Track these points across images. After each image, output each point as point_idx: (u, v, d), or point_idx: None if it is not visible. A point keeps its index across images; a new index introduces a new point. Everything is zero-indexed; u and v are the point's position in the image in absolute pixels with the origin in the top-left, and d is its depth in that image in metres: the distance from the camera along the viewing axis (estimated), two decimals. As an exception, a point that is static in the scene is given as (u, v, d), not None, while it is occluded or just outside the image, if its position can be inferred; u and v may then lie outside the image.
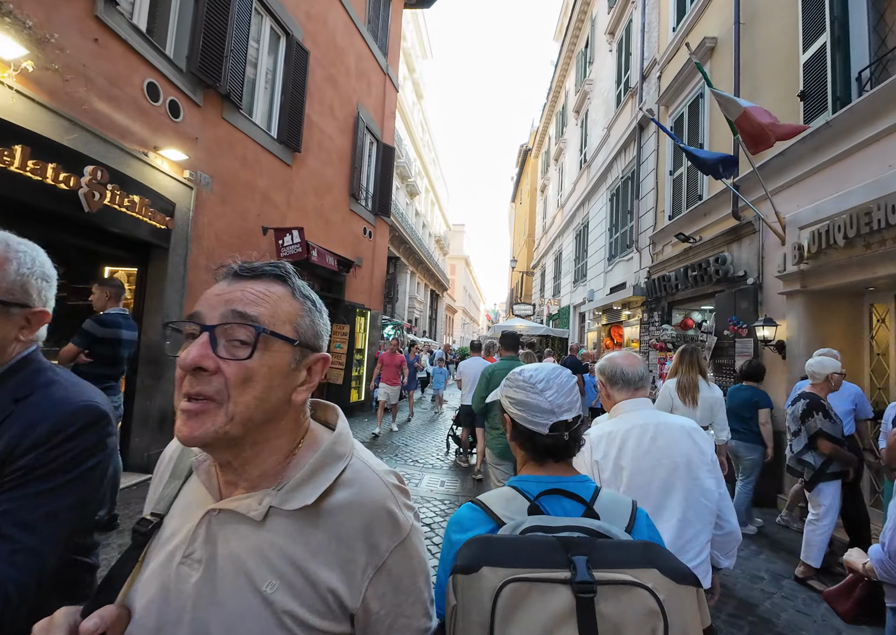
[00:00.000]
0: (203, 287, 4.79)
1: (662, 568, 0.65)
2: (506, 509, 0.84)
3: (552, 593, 0.63)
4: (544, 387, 0.92)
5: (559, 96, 19.69)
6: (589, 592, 0.62)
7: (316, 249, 6.88)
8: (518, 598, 0.63)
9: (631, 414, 1.48)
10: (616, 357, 1.59)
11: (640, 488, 1.37)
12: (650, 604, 0.62)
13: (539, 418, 0.90)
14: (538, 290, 23.77)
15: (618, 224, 10.95)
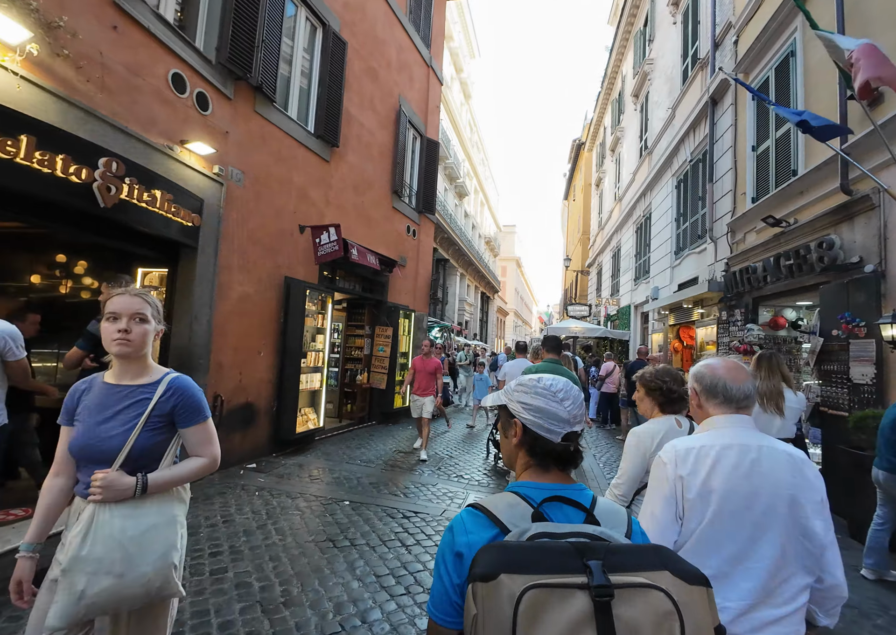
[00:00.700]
0: (236, 288, 4.52)
1: (674, 571, 0.67)
2: (509, 515, 0.83)
3: (571, 598, 0.64)
4: (564, 397, 0.93)
5: (615, 83, 18.49)
6: (606, 596, 0.63)
7: (355, 248, 6.54)
8: (538, 605, 0.63)
9: (729, 430, 1.31)
10: (717, 366, 1.38)
11: (732, 517, 1.21)
12: (666, 606, 0.64)
13: (555, 426, 0.91)
14: (594, 290, 22.50)
15: (686, 213, 9.84)
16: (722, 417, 1.33)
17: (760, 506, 1.20)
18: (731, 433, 1.29)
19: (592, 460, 6.56)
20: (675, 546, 1.23)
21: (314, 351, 6.09)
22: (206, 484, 4.39)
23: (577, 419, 0.93)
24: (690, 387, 1.43)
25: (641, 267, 13.58)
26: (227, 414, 4.90)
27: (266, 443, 5.50)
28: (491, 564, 0.68)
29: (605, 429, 9.27)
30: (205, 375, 4.55)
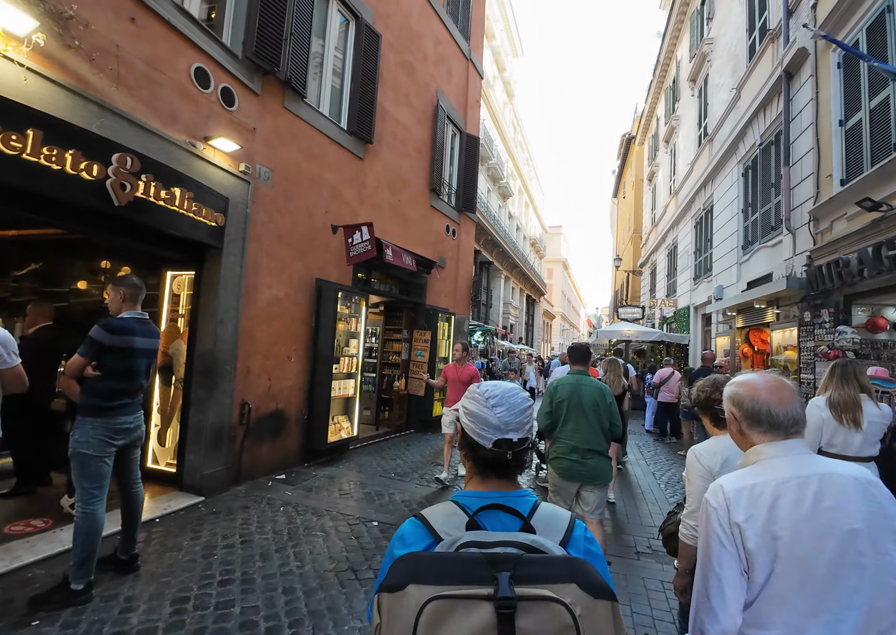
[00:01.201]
0: (264, 291, 4.28)
1: (581, 583, 0.67)
2: (445, 524, 0.83)
3: (474, 609, 0.64)
4: (496, 404, 0.91)
5: (668, 69, 17.34)
6: (509, 608, 0.63)
7: (390, 248, 6.24)
8: (440, 615, 0.64)
9: (782, 460, 1.13)
10: (758, 385, 1.20)
11: (801, 564, 1.02)
12: (566, 619, 0.64)
13: (486, 432, 0.90)
14: (647, 291, 21.19)
15: (756, 202, 8.84)
16: (770, 446, 1.15)
17: (832, 547, 1.03)
18: (784, 464, 1.12)
19: (652, 479, 5.85)
20: (745, 606, 1.05)
21: (347, 356, 5.81)
22: (231, 497, 4.17)
23: (511, 427, 0.90)
24: (728, 411, 1.24)
25: (702, 265, 12.48)
26: (256, 422, 4.69)
27: (297, 452, 5.26)
28: (400, 575, 0.69)
29: (665, 443, 8.42)
30: (231, 381, 4.35)
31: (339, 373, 5.67)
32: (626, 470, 6.22)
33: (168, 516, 3.68)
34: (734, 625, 1.04)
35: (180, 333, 4.39)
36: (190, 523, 3.59)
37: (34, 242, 4.98)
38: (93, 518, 2.49)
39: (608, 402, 3.03)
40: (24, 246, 5.14)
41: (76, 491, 2.52)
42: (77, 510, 2.49)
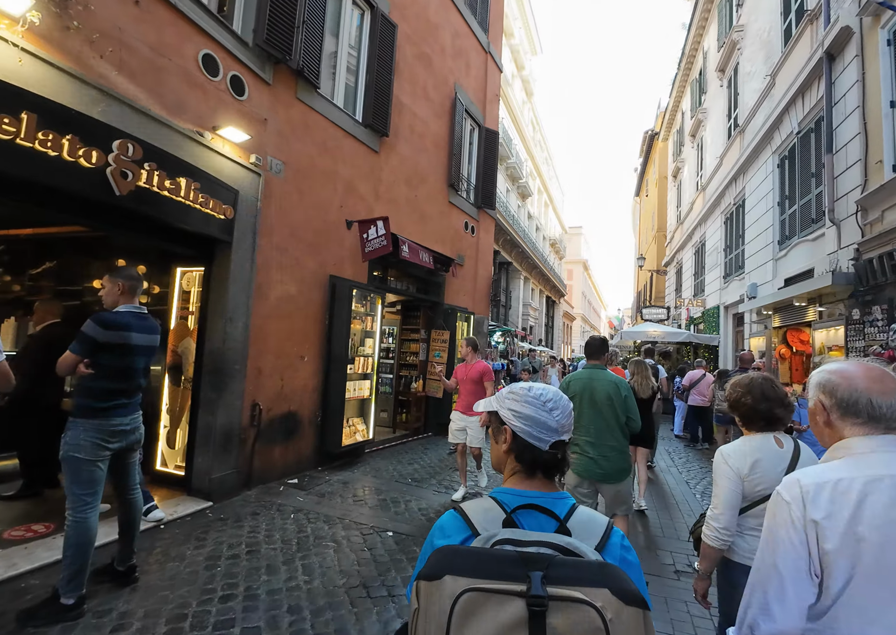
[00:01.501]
0: (275, 288, 4.09)
1: (613, 589, 0.68)
2: (483, 520, 0.86)
3: (507, 604, 0.67)
4: (553, 407, 0.93)
5: (694, 61, 16.76)
6: (540, 606, 0.66)
7: (407, 244, 6.01)
8: (474, 606, 0.67)
9: (874, 456, 1.01)
10: (856, 375, 1.08)
11: (893, 571, 0.91)
12: (596, 622, 0.65)
13: (544, 435, 0.91)
14: (672, 291, 20.50)
15: (794, 194, 8.32)
16: (864, 440, 1.04)
17: None
18: (879, 460, 1.01)
19: (686, 489, 5.46)
20: (813, 611, 0.97)
21: (363, 356, 5.60)
22: (240, 503, 3.99)
23: (566, 428, 0.93)
24: (814, 399, 1.14)
25: (733, 262, 11.92)
26: (267, 424, 4.51)
27: (310, 455, 5.06)
28: (438, 565, 0.72)
29: (697, 449, 7.97)
30: (241, 381, 4.18)
31: (355, 373, 5.47)
32: (656, 478, 5.83)
33: (174, 522, 3.50)
34: (794, 628, 0.97)
35: (190, 331, 4.24)
36: (196, 530, 3.40)
37: (50, 241, 4.93)
38: (84, 526, 2.31)
39: (623, 396, 2.90)
40: (39, 244, 5.10)
41: (67, 497, 2.34)
42: (67, 518, 2.31)
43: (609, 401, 2.89)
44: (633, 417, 2.92)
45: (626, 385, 2.97)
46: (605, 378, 2.97)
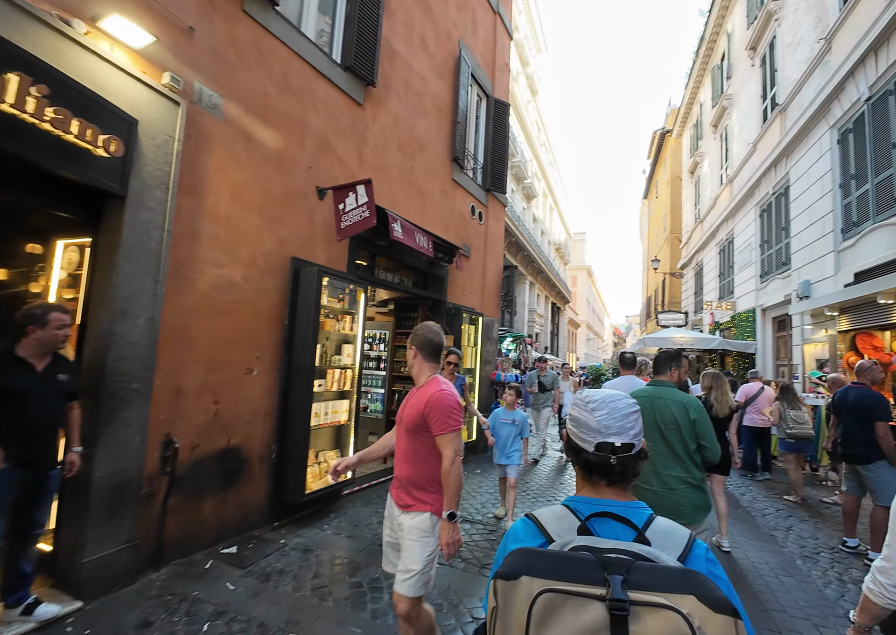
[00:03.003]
0: (207, 271, 2.39)
1: (700, 596, 0.64)
2: (557, 527, 0.85)
3: (587, 607, 0.65)
4: (595, 408, 0.92)
5: (716, 46, 15.54)
6: (622, 611, 0.63)
7: (399, 222, 4.64)
8: (553, 608, 0.66)
9: None
10: None
11: None
12: (683, 629, 0.62)
13: (586, 436, 0.91)
14: (691, 295, 19.11)
15: (864, 172, 6.96)
16: None
17: None
18: None
19: (774, 544, 4.01)
20: None
21: (339, 368, 4.20)
22: (130, 599, 2.55)
23: (612, 430, 0.89)
24: None
25: (773, 258, 10.53)
26: (191, 468, 3.09)
27: (261, 507, 3.64)
28: (515, 565, 0.71)
29: (757, 481, 6.51)
30: (143, 407, 2.77)
31: (327, 391, 4.06)
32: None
33: (-4, 651, 2.09)
34: None
35: (71, 333, 2.84)
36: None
37: None
38: None
39: (692, 419, 2.45)
40: None
41: None
42: None
43: (674, 425, 2.46)
44: (709, 445, 2.41)
45: (697, 406, 2.49)
46: (672, 397, 2.53)
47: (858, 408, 3.55)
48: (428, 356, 2.04)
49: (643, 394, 2.63)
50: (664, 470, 2.45)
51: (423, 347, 2.04)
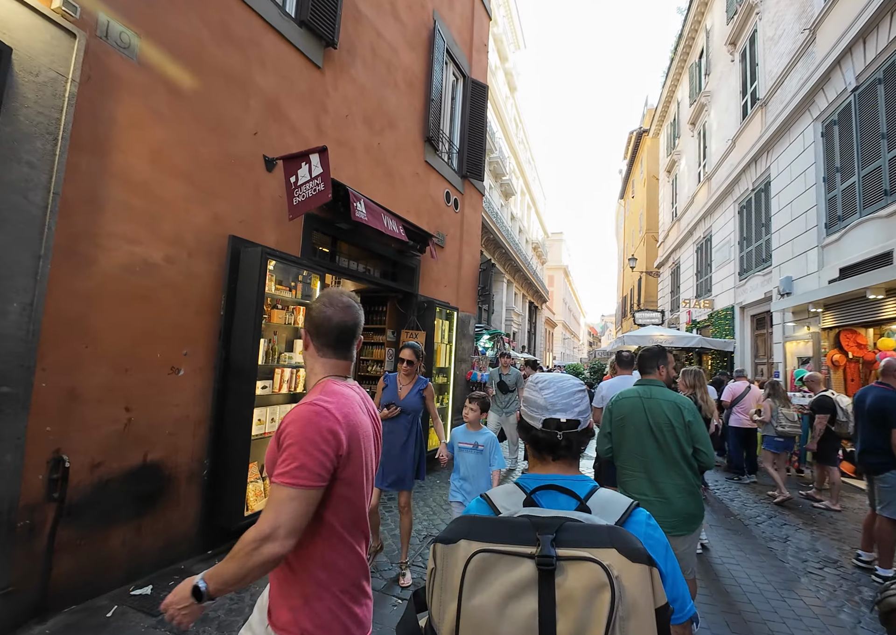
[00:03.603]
0: (116, 249, 1.95)
1: (620, 549, 0.69)
2: (505, 501, 0.89)
3: (518, 564, 0.69)
4: (543, 387, 0.98)
5: (695, 42, 15.47)
6: (548, 565, 0.67)
7: (363, 202, 4.09)
8: (486, 566, 0.70)
9: None
10: None
11: None
12: (602, 579, 0.66)
13: (535, 413, 0.96)
14: (667, 293, 19.12)
15: (852, 164, 6.76)
16: None
17: None
18: None
19: (762, 533, 3.65)
20: None
21: (290, 367, 3.62)
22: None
23: (557, 407, 0.94)
24: None
25: (753, 255, 10.40)
26: (94, 490, 2.49)
27: (190, 533, 3.04)
28: (455, 531, 0.76)
29: (744, 484, 6.22)
30: (19, 417, 2.16)
31: (275, 394, 3.48)
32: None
33: None
34: None
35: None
36: None
37: None
38: None
39: (686, 421, 2.26)
40: None
41: None
42: None
43: (669, 427, 2.28)
44: (704, 449, 2.26)
45: (690, 407, 2.33)
46: (664, 397, 2.36)
47: (875, 412, 3.19)
48: (324, 346, 1.21)
49: (632, 394, 2.45)
50: (659, 477, 2.25)
51: (316, 330, 1.21)
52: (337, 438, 1.04)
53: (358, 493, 1.13)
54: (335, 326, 1.20)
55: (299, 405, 1.07)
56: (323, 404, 1.07)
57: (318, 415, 1.04)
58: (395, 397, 3.14)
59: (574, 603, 0.65)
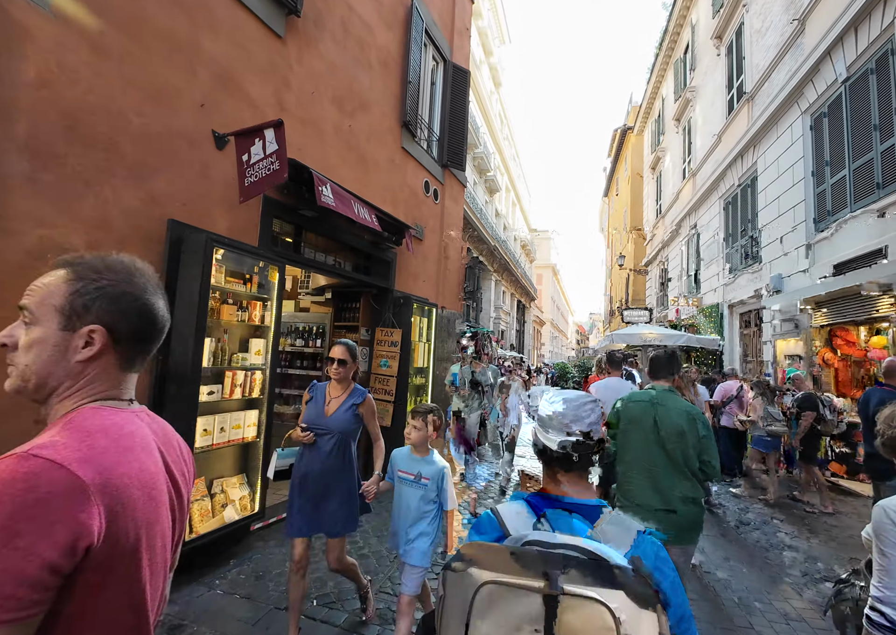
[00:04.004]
0: (23, 232, 1.79)
1: (629, 592, 0.69)
2: (514, 521, 0.89)
3: (525, 598, 0.71)
4: (553, 401, 1.01)
5: (680, 37, 15.34)
6: (555, 602, 0.69)
7: (329, 186, 3.71)
8: (494, 597, 0.72)
9: None
10: None
11: None
12: (607, 620, 0.67)
13: (551, 435, 0.97)
14: (655, 291, 19.04)
15: (841, 157, 6.59)
16: None
17: None
18: None
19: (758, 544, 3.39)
20: None
21: (243, 369, 3.24)
22: None
23: (570, 418, 0.97)
24: None
25: (741, 252, 10.25)
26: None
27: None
28: (465, 558, 0.76)
29: (735, 486, 6.00)
30: None
31: (225, 400, 3.09)
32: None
33: None
34: None
35: None
36: None
37: None
38: None
39: (701, 434, 2.18)
40: None
41: None
42: None
43: (680, 438, 2.18)
44: (712, 462, 2.18)
45: (704, 418, 2.23)
46: (677, 406, 2.26)
47: (877, 414, 2.95)
48: (108, 343, 0.76)
49: (643, 398, 2.38)
50: (666, 486, 2.19)
51: (83, 310, 0.73)
52: (71, 521, 0.59)
53: (134, 589, 0.69)
54: (139, 312, 0.76)
55: (3, 459, 0.60)
56: (49, 455, 0.60)
57: (30, 481, 0.57)
58: (320, 414, 2.33)
59: None
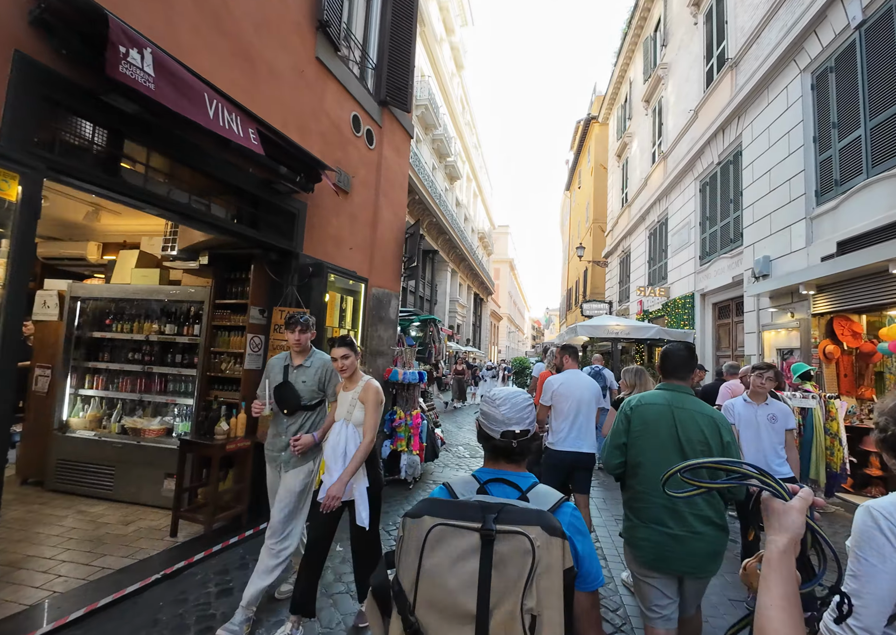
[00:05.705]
0: None
1: (543, 526, 0.91)
2: (462, 488, 1.12)
3: (466, 535, 0.91)
4: (500, 403, 1.17)
5: (651, 13, 14.43)
6: (489, 536, 0.89)
7: (150, 52, 2.13)
8: (441, 536, 0.92)
9: None
10: None
11: None
12: (526, 546, 0.88)
13: (494, 426, 1.16)
14: (615, 284, 18.30)
15: (855, 117, 5.60)
16: None
17: None
18: None
19: None
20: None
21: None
22: None
23: (514, 420, 1.15)
24: None
25: (718, 236, 9.36)
26: None
27: None
28: (421, 508, 0.96)
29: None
30: None
31: None
32: None
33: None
34: None
35: None
36: None
37: None
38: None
39: (725, 441, 1.86)
40: None
41: None
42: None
43: (703, 446, 1.84)
44: None
45: (727, 425, 1.92)
46: (699, 409, 1.91)
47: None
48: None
49: (659, 400, 1.97)
50: (687, 506, 1.82)
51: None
52: None
53: None
54: None
55: None
56: None
57: None
58: None
59: (506, 563, 0.88)
